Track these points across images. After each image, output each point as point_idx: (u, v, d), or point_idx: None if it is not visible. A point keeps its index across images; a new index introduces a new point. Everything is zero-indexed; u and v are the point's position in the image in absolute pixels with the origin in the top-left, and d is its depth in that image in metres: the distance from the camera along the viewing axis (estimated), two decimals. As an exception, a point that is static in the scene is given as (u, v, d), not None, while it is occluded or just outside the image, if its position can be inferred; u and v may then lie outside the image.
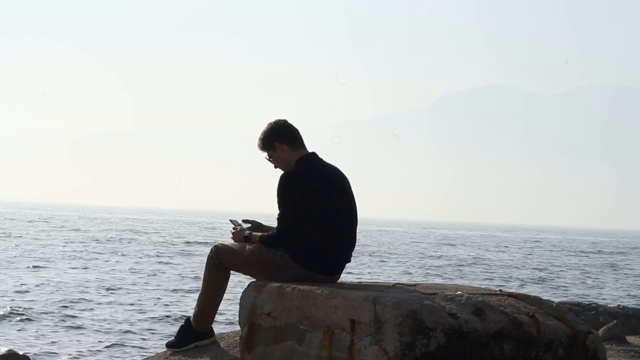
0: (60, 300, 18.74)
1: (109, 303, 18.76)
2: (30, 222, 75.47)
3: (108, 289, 21.59)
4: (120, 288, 22.12)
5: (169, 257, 35.77)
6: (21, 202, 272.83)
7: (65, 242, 43.29)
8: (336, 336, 4.99)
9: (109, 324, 15.75)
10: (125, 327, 15.43)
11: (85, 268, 28.04)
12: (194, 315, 6.04)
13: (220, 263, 5.85)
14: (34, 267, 27.42)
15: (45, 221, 79.61)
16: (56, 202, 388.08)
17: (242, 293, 5.68)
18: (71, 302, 18.63)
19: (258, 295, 5.52)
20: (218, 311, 6.10)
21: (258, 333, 5.47)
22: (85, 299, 19.26)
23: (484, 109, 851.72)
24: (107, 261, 31.58)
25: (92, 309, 17.66)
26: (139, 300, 19.78)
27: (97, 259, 32.57)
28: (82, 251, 36.80)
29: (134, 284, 23.34)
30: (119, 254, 36.17)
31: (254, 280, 5.76)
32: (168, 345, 6.16)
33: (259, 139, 5.88)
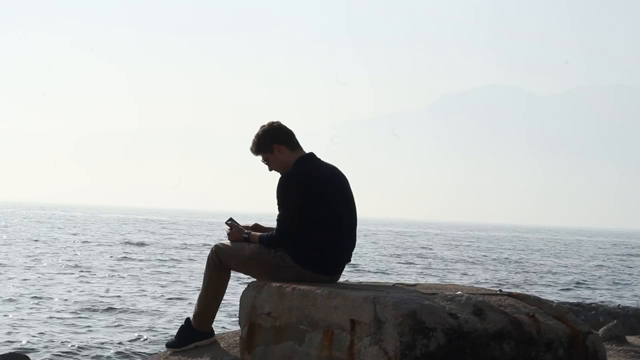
0: (59, 301, 18.74)
1: (109, 303, 18.75)
2: (24, 220, 75.49)
3: (107, 289, 21.59)
4: (119, 288, 22.11)
5: (168, 257, 35.75)
6: (21, 203, 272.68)
7: (65, 243, 43.26)
8: (336, 336, 4.99)
9: (108, 324, 15.75)
10: (125, 327, 15.42)
11: (83, 268, 28.03)
12: (194, 315, 6.05)
13: (220, 263, 5.86)
14: (32, 268, 27.42)
15: (39, 222, 79.58)
16: (56, 202, 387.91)
17: (242, 293, 5.68)
18: (70, 302, 18.63)
19: (258, 295, 5.52)
20: (218, 311, 6.11)
21: (258, 333, 5.47)
22: (84, 300, 19.25)
23: (484, 109, 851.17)
24: (106, 261, 31.56)
25: (91, 309, 17.65)
26: (138, 300, 19.78)
27: (96, 259, 32.55)
28: (81, 252, 36.79)
29: (133, 284, 23.33)
30: (118, 254, 36.14)
31: (254, 280, 5.77)
32: (168, 345, 6.17)
33: (255, 142, 5.85)
